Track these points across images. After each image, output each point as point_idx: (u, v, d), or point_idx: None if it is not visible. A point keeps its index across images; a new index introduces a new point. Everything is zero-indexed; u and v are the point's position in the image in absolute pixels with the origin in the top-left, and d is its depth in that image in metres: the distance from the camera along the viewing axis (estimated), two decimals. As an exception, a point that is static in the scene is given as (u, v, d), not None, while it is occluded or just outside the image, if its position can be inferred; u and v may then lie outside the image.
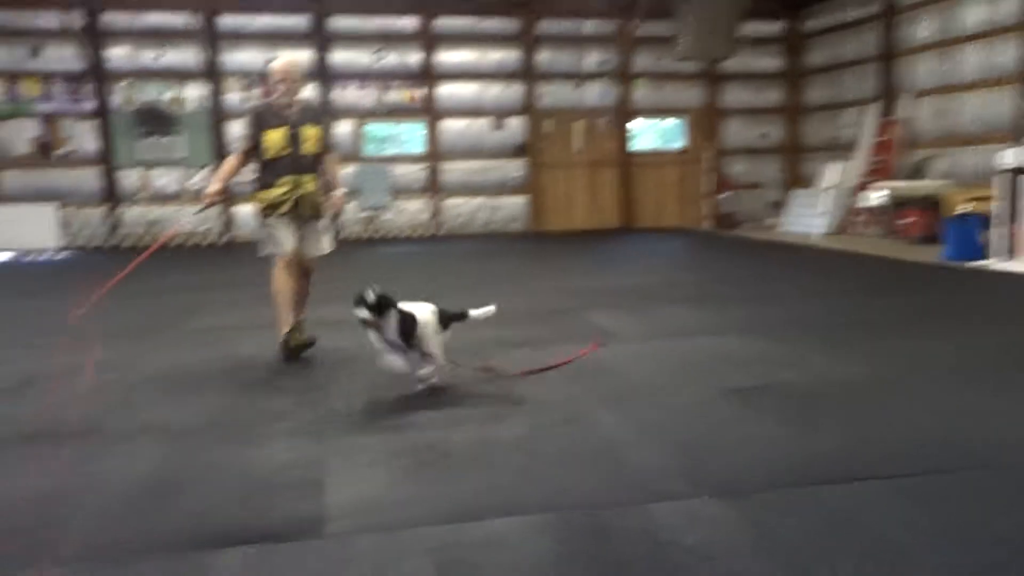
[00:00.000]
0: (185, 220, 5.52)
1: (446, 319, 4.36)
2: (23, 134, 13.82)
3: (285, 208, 5.27)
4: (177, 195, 14.37)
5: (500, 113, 15.41)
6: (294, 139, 5.25)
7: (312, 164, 5.33)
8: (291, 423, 3.83)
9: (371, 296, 4.06)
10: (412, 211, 15.31)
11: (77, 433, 3.73)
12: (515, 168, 15.56)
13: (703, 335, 5.60)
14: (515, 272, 9.86)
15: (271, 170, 5.27)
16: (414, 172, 15.26)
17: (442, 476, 3.13)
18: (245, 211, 14.51)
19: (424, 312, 4.30)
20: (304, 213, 5.33)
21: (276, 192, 5.26)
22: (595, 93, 15.72)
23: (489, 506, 2.81)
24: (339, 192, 5.41)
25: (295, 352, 5.23)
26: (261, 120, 5.27)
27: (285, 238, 5.29)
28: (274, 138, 5.23)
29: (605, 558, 2.44)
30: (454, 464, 3.25)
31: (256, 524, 2.71)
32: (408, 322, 4.20)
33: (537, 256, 11.80)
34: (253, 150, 5.29)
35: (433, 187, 15.30)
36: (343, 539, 2.60)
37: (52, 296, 8.50)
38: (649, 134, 16.63)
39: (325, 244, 5.51)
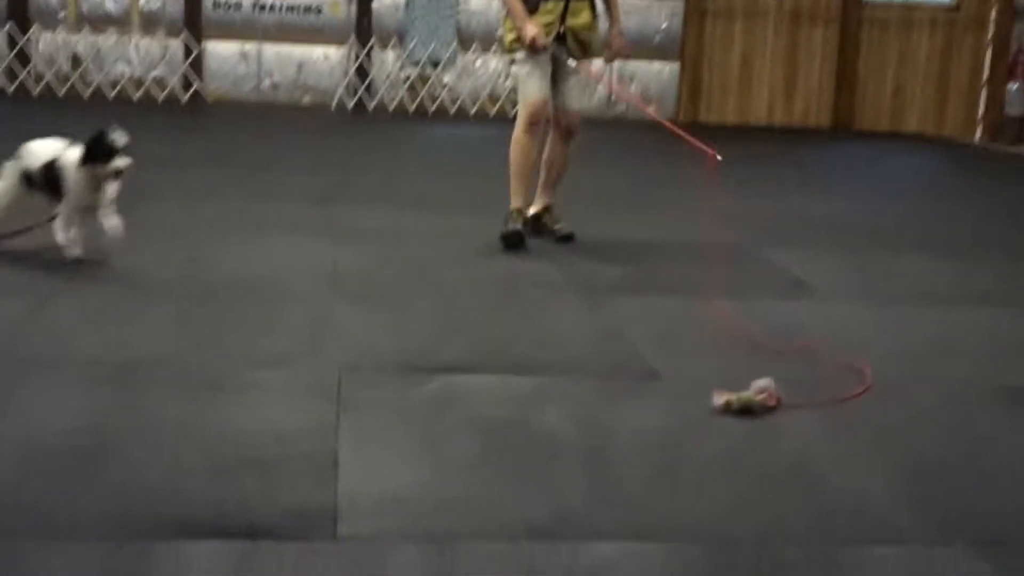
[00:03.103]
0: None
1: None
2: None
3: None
4: (123, 19, 13.47)
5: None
6: None
7: None
8: (289, 371, 3.74)
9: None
10: (490, 73, 13.62)
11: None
12: (663, 14, 13.66)
13: (962, 303, 5.31)
14: (650, 184, 8.98)
15: None
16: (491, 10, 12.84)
17: (523, 470, 3.01)
18: (217, 53, 13.58)
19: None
20: (572, 51, 5.66)
21: (536, 20, 5.56)
22: None
23: (594, 524, 2.68)
24: (620, 28, 5.83)
25: (544, 233, 5.73)
26: None
27: (535, 84, 5.63)
28: None
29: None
30: (538, 455, 3.10)
31: (236, 512, 2.63)
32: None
33: (688, 161, 11.13)
34: None
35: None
36: (359, 545, 2.51)
37: None
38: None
39: (582, 99, 5.79)
